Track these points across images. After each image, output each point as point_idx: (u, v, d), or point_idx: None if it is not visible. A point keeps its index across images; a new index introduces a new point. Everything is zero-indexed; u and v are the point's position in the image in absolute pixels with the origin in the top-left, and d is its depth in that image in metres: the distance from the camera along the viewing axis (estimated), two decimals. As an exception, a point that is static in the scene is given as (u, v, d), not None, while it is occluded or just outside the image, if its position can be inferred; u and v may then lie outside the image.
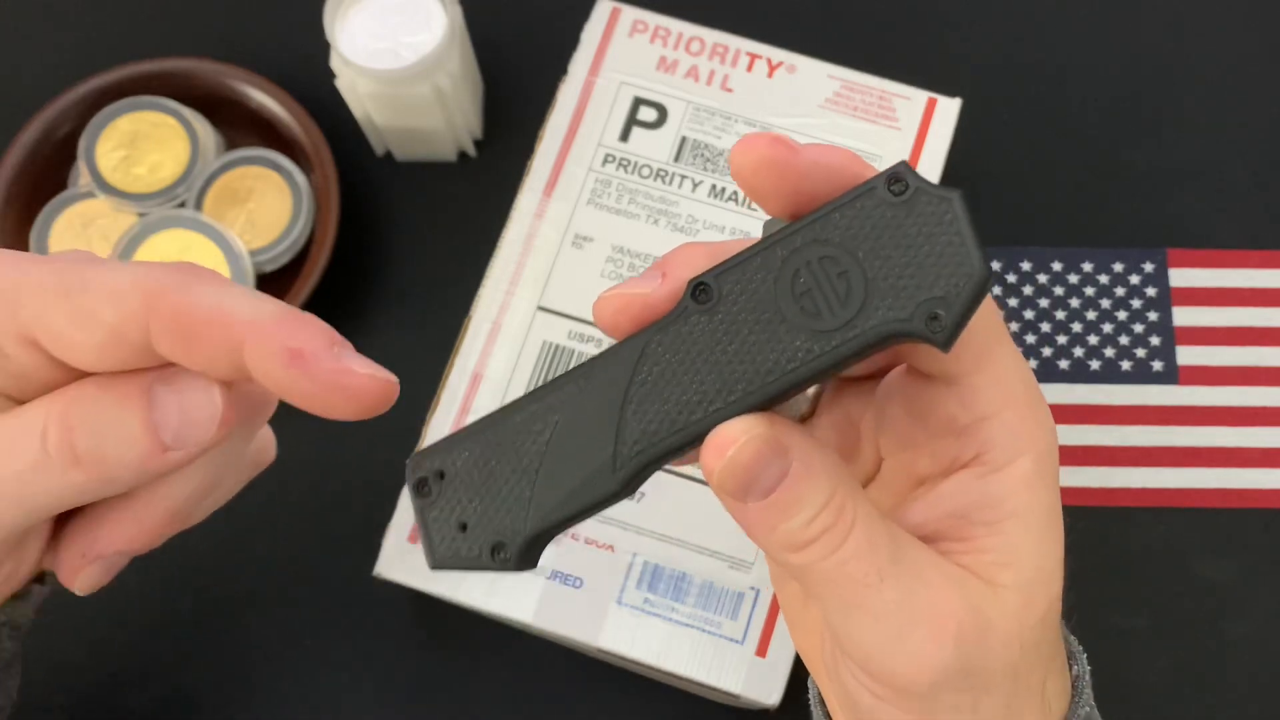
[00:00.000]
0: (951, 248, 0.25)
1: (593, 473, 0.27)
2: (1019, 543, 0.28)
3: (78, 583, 0.31)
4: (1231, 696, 0.48)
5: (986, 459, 0.28)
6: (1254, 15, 0.59)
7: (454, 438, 0.28)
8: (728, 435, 0.26)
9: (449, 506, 0.28)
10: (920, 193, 0.25)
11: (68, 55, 0.58)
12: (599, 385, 0.27)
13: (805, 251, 0.26)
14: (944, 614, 0.27)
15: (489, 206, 0.51)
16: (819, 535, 0.26)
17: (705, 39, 0.51)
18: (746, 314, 0.26)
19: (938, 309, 0.25)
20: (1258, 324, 0.53)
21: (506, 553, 0.27)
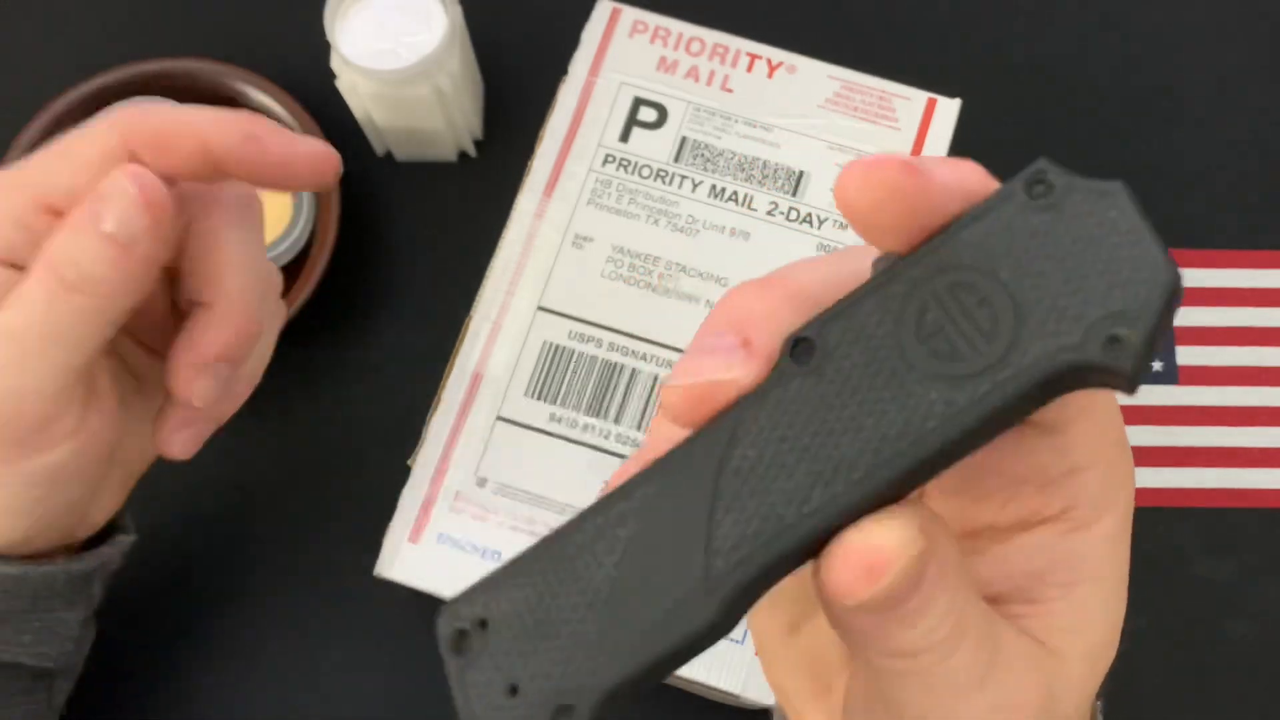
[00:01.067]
0: (1125, 249, 0.19)
1: (678, 600, 0.20)
2: (1093, 609, 0.25)
3: (195, 393, 0.36)
4: (1231, 696, 0.48)
5: (1072, 516, 0.24)
6: (1254, 15, 0.59)
7: (498, 575, 0.22)
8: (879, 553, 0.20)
9: (494, 665, 0.21)
10: (1072, 189, 0.20)
11: (68, 55, 0.58)
12: (679, 484, 0.21)
13: (931, 282, 0.20)
14: (1025, 708, 0.24)
15: (489, 206, 0.51)
16: (934, 645, 0.22)
17: (705, 39, 0.51)
18: (864, 369, 0.20)
19: (1117, 329, 0.19)
20: (1258, 324, 0.53)
21: (574, 717, 0.20)
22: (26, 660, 0.39)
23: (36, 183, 0.34)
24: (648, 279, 0.47)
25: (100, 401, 0.37)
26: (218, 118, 0.35)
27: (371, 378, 0.48)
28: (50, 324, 0.33)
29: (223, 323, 0.37)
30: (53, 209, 0.34)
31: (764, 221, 0.48)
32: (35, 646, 0.39)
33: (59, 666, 0.40)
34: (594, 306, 0.47)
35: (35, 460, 0.35)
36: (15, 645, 0.38)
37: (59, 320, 0.33)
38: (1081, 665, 0.25)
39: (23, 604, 0.38)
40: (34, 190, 0.34)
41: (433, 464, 0.45)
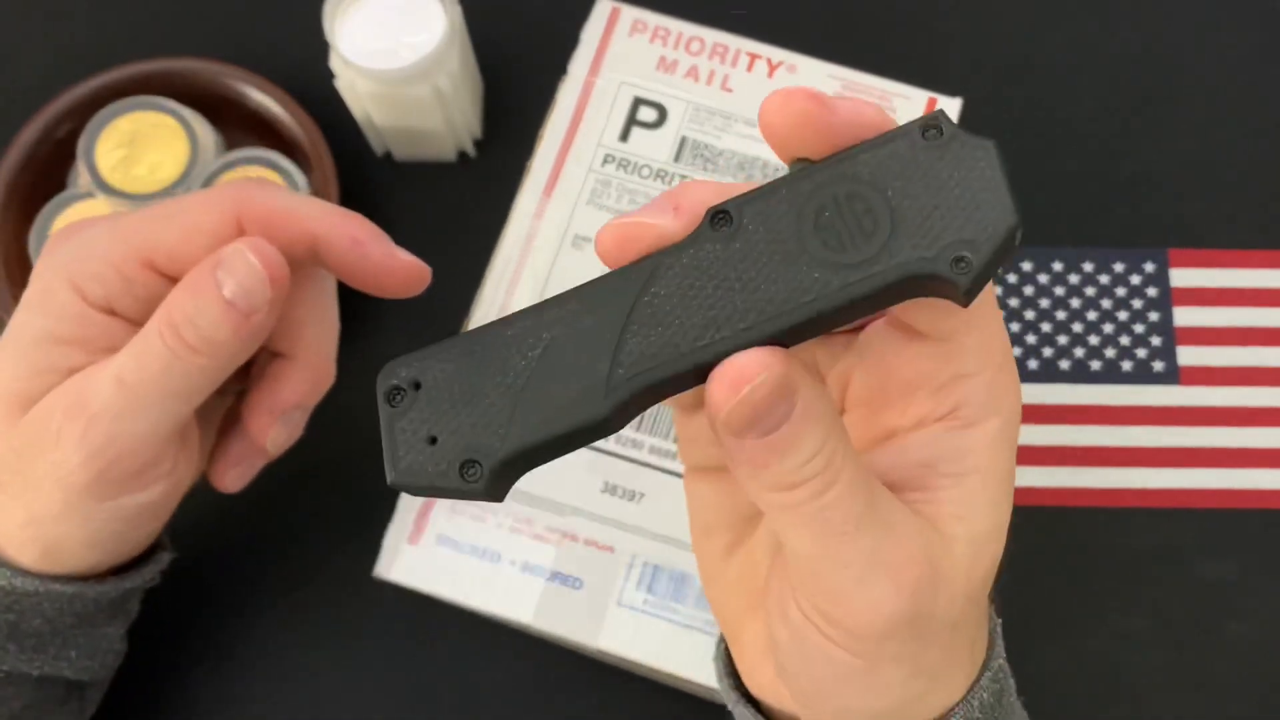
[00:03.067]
0: (985, 193, 0.24)
1: (581, 393, 0.24)
2: (977, 498, 0.29)
3: (269, 440, 0.39)
4: (1231, 696, 0.48)
5: (960, 415, 0.28)
6: (1254, 15, 0.59)
7: (436, 347, 0.26)
8: (744, 369, 0.24)
9: (420, 418, 0.25)
10: (955, 138, 0.25)
11: (67, 55, 0.58)
12: (600, 304, 0.25)
13: (832, 187, 0.25)
14: (906, 565, 0.27)
15: (489, 207, 0.50)
16: (809, 479, 0.26)
17: (705, 39, 0.50)
18: (766, 244, 0.25)
19: (964, 251, 0.24)
20: (1259, 324, 0.53)
21: (478, 472, 0.25)
22: (70, 674, 0.40)
23: (141, 237, 0.36)
24: (647, 279, 0.47)
25: (190, 447, 0.39)
26: (328, 214, 0.36)
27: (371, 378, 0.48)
28: (167, 379, 0.34)
29: (303, 374, 0.39)
30: (153, 266, 0.36)
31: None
32: (80, 661, 0.40)
33: (95, 679, 0.42)
34: (594, 307, 0.47)
35: (128, 499, 0.37)
36: (62, 660, 0.39)
37: (175, 376, 0.34)
38: (966, 549, 0.28)
39: (71, 620, 0.39)
40: (138, 243, 0.35)
41: (432, 464, 0.45)
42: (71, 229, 0.37)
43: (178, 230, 0.36)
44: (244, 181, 0.37)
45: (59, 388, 0.35)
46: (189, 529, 0.43)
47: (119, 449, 0.35)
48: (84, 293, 0.36)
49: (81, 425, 0.34)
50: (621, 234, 0.26)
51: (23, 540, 0.37)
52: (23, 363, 0.36)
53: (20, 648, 0.38)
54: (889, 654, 0.28)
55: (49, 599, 0.38)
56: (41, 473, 0.35)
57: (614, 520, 0.44)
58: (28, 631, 0.38)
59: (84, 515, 0.36)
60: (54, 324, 0.35)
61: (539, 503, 0.45)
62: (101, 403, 0.34)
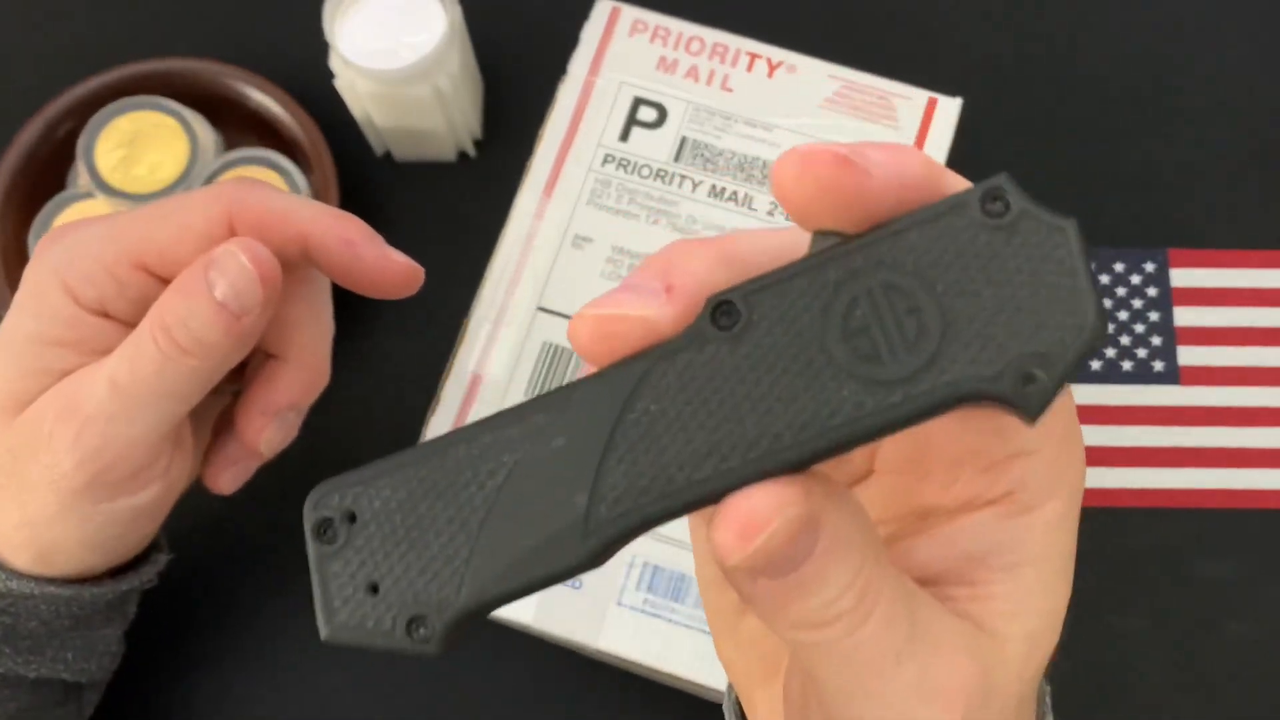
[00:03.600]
0: (1062, 291, 0.20)
1: (554, 535, 0.20)
2: (1033, 592, 0.25)
3: (264, 440, 0.39)
4: (1231, 696, 0.48)
5: (1017, 499, 0.24)
6: (1254, 15, 0.59)
7: (375, 468, 0.22)
8: (756, 512, 0.20)
9: (358, 559, 0.21)
10: (1026, 216, 0.20)
11: (67, 55, 0.58)
12: (575, 422, 0.21)
13: (866, 277, 0.20)
14: (955, 689, 0.23)
15: (489, 206, 0.50)
16: (840, 616, 0.22)
17: (705, 39, 0.50)
18: (782, 349, 0.20)
19: (1034, 368, 0.20)
20: (1259, 324, 0.53)
21: (427, 630, 0.21)
22: (67, 676, 0.40)
23: (132, 238, 0.35)
24: (647, 279, 0.47)
25: (184, 448, 0.38)
26: (321, 215, 0.36)
27: (371, 378, 0.48)
28: (160, 381, 0.34)
29: (297, 374, 0.39)
30: (145, 267, 0.35)
31: (764, 222, 0.48)
32: (77, 663, 0.40)
33: (92, 680, 0.42)
34: (594, 307, 0.47)
35: (123, 501, 0.37)
36: (59, 662, 0.39)
37: (167, 378, 0.34)
38: (1020, 647, 0.25)
39: (68, 623, 0.39)
40: (129, 245, 0.35)
41: (432, 465, 0.45)
42: (62, 230, 0.37)
43: (169, 231, 0.35)
44: (236, 182, 0.36)
45: (51, 390, 0.35)
46: (185, 530, 0.43)
47: (113, 452, 0.35)
48: (76, 294, 0.35)
49: (75, 428, 0.34)
50: (601, 329, 0.21)
51: (18, 543, 0.37)
52: (15, 365, 0.35)
53: (16, 650, 0.38)
54: None
55: (45, 601, 0.38)
56: (35, 475, 0.35)
57: (614, 520, 0.44)
58: (24, 634, 0.38)
59: (79, 518, 0.36)
60: (46, 326, 0.35)
61: (539, 503, 0.45)
62: (95, 405, 0.34)
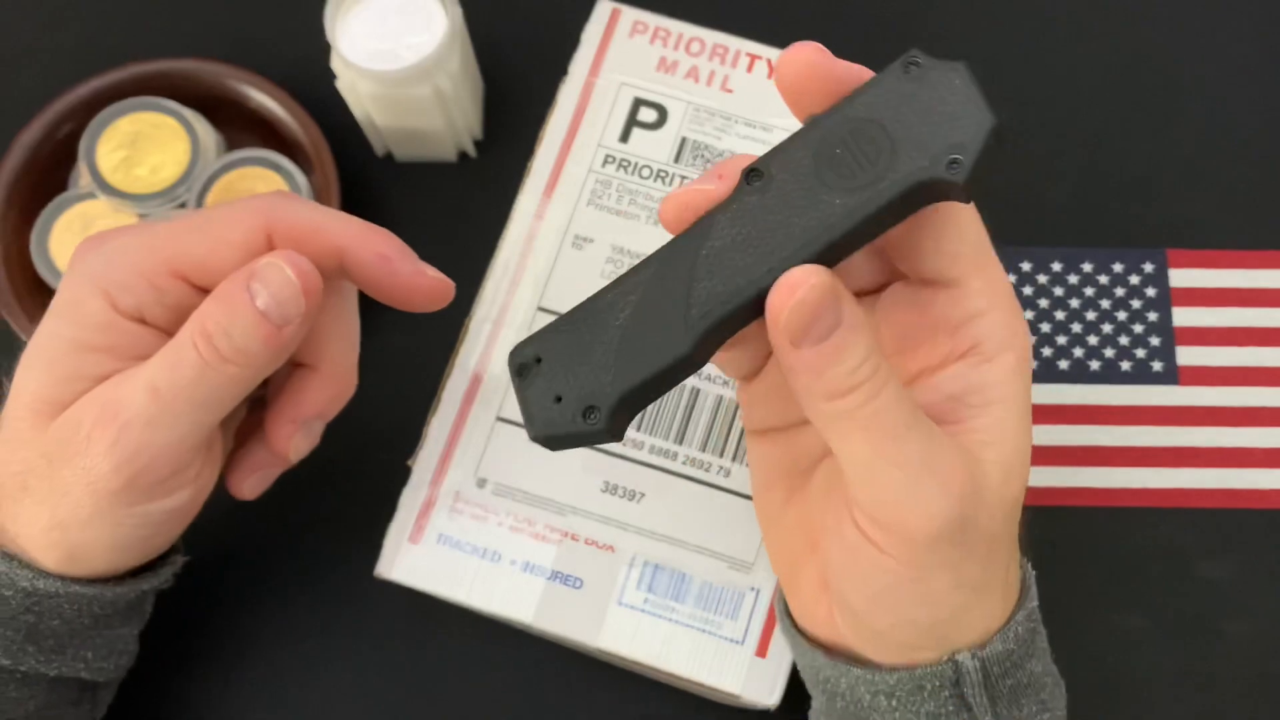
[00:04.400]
0: (964, 105, 0.29)
1: (666, 338, 0.30)
2: (1003, 425, 0.32)
3: (291, 449, 0.40)
4: (1231, 696, 0.48)
5: (979, 350, 0.32)
6: (1254, 15, 0.59)
7: (548, 327, 0.32)
8: (796, 278, 0.29)
9: (546, 384, 0.31)
10: (931, 68, 0.29)
11: (68, 56, 0.58)
12: (670, 264, 0.30)
13: (838, 128, 0.30)
14: (952, 471, 0.31)
15: (489, 207, 0.51)
16: (861, 383, 0.30)
17: (705, 40, 0.51)
18: (792, 187, 0.30)
19: (956, 154, 0.28)
20: (1258, 324, 0.53)
21: (597, 415, 0.31)
22: (85, 675, 0.40)
23: (170, 247, 0.36)
24: (648, 279, 0.47)
25: (214, 452, 0.39)
26: (357, 229, 0.37)
27: (371, 378, 0.48)
28: (198, 388, 0.35)
29: (325, 384, 0.40)
30: (182, 276, 0.36)
31: None
32: (96, 662, 0.40)
33: (108, 679, 0.42)
34: (594, 307, 0.47)
35: (155, 505, 0.37)
36: (79, 661, 0.40)
37: (206, 386, 0.35)
38: (998, 471, 0.32)
39: (88, 621, 0.39)
40: (168, 254, 0.36)
41: (432, 465, 0.45)
42: (100, 238, 0.37)
43: (207, 241, 0.36)
44: (274, 195, 0.37)
45: (89, 394, 0.36)
46: (190, 529, 0.43)
47: (149, 456, 0.35)
48: (114, 301, 0.36)
49: (113, 432, 0.35)
50: (678, 202, 0.31)
51: (46, 544, 0.37)
52: (53, 370, 0.36)
53: (39, 649, 0.38)
54: (936, 561, 0.32)
55: (69, 600, 0.38)
56: (70, 478, 0.35)
57: (614, 520, 0.44)
58: (46, 633, 0.38)
59: (111, 521, 0.36)
60: (84, 332, 0.36)
61: (539, 502, 0.45)
62: (133, 410, 0.35)
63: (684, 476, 0.45)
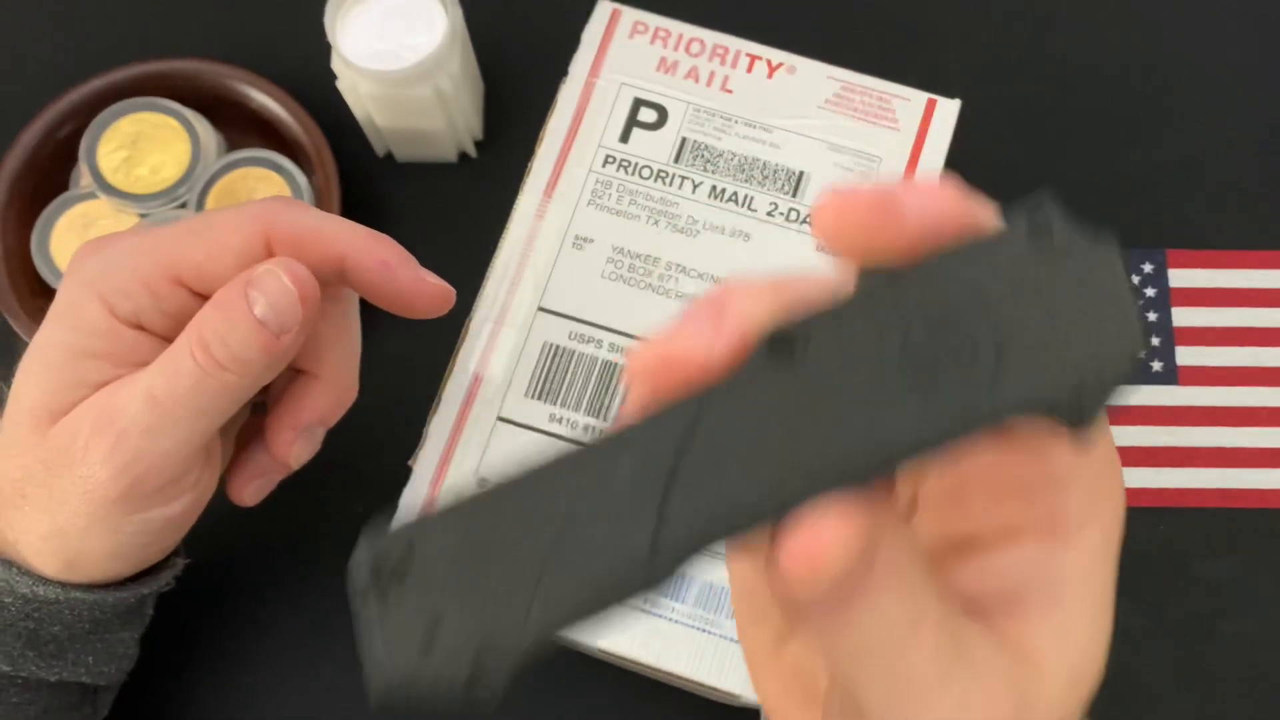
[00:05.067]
0: (1108, 314, 0.20)
1: (617, 563, 0.20)
2: (1076, 625, 0.25)
3: (292, 455, 0.39)
4: (1231, 696, 0.48)
5: (1057, 528, 0.24)
6: (1254, 15, 0.59)
7: (429, 515, 0.21)
8: (819, 539, 0.20)
9: (418, 597, 0.21)
10: (1072, 246, 0.21)
11: (69, 56, 0.58)
12: (636, 456, 0.20)
13: (921, 308, 0.20)
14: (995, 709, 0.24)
15: (490, 207, 0.51)
16: (888, 641, 0.22)
17: (705, 40, 0.51)
18: (839, 377, 0.20)
19: (1085, 385, 0.20)
20: (1257, 324, 0.53)
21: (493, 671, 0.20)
22: (86, 679, 0.40)
23: (169, 253, 0.36)
24: (648, 280, 0.47)
25: (213, 460, 0.39)
26: (357, 236, 0.36)
27: (372, 379, 0.48)
28: (197, 397, 0.35)
29: (326, 391, 0.39)
30: (180, 281, 0.36)
31: (764, 222, 0.48)
32: (97, 666, 0.40)
33: (109, 683, 0.42)
34: (594, 307, 0.47)
35: (154, 512, 0.37)
36: (80, 666, 0.40)
37: (204, 394, 0.35)
38: (1062, 680, 0.25)
39: (88, 626, 0.39)
40: (166, 260, 0.36)
41: (433, 465, 0.45)
42: (98, 244, 0.37)
43: (206, 247, 0.36)
44: (274, 200, 0.37)
45: (87, 402, 0.35)
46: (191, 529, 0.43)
47: (147, 464, 0.35)
48: (112, 307, 0.36)
49: (110, 440, 0.35)
50: (657, 365, 0.21)
51: (46, 551, 0.37)
52: (50, 377, 0.36)
53: (39, 654, 0.38)
54: None
55: (69, 606, 0.38)
56: (68, 486, 0.35)
57: (614, 520, 0.44)
58: (46, 638, 0.38)
59: (110, 528, 0.36)
60: (82, 338, 0.36)
61: (540, 502, 0.45)
62: (130, 418, 0.35)
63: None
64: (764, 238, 0.48)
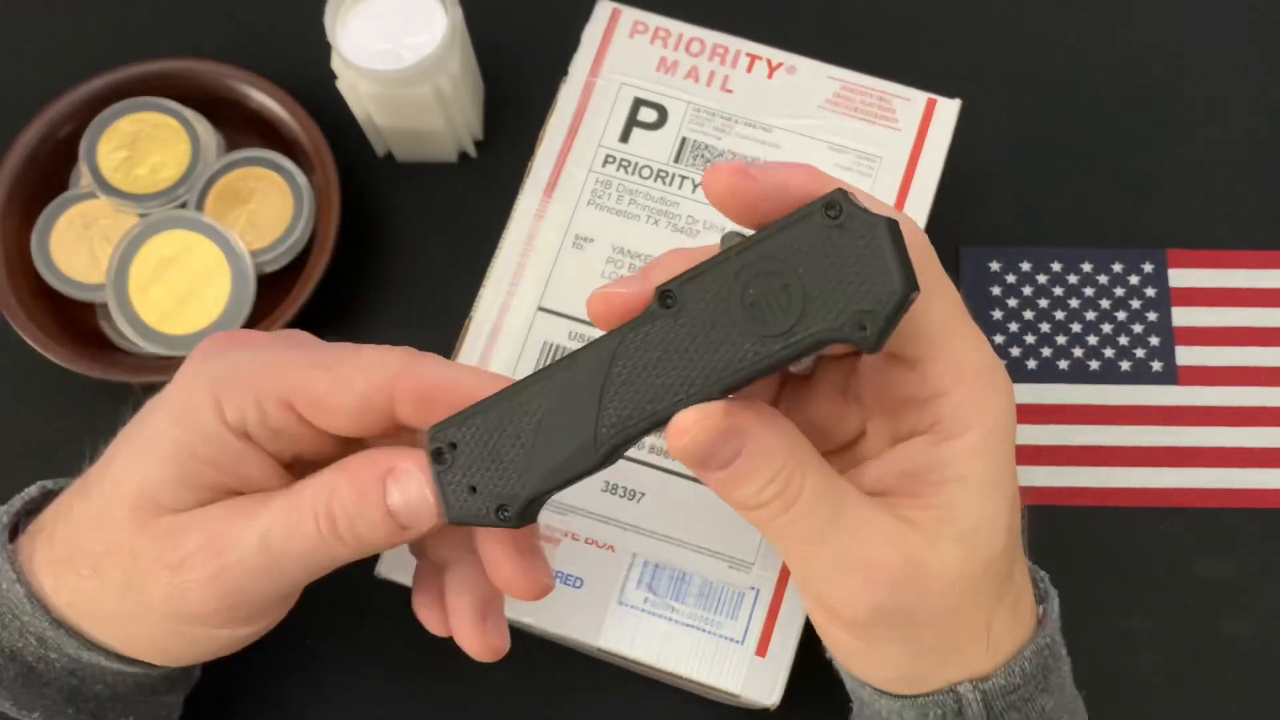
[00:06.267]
0: (877, 267, 0.29)
1: (577, 449, 0.32)
2: (961, 502, 0.33)
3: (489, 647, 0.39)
4: (1231, 696, 0.48)
5: (939, 429, 0.33)
6: (1253, 15, 0.59)
7: (464, 413, 0.34)
8: (684, 422, 0.31)
9: (461, 472, 0.34)
10: (852, 218, 0.29)
11: (68, 55, 0.58)
12: (581, 375, 0.32)
13: (755, 267, 0.30)
14: (878, 564, 0.32)
15: (490, 207, 0.51)
16: (769, 500, 0.32)
17: (705, 40, 0.51)
18: (704, 319, 0.31)
19: (864, 320, 0.29)
20: (1257, 324, 0.53)
21: (509, 512, 0.33)
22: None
23: (293, 379, 0.35)
24: (648, 279, 0.47)
25: (294, 598, 0.39)
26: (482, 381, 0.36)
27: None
28: (309, 560, 0.36)
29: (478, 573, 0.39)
30: (292, 406, 0.36)
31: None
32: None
33: None
34: (594, 307, 0.47)
35: (226, 632, 0.37)
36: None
37: (317, 557, 0.36)
38: (956, 547, 0.33)
39: (133, 689, 0.39)
40: (284, 383, 0.35)
41: (433, 464, 0.45)
42: (226, 341, 0.37)
43: (329, 382, 0.35)
44: (407, 352, 0.36)
45: (196, 516, 0.35)
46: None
47: (242, 599, 0.36)
48: (224, 414, 0.35)
49: (214, 568, 0.35)
50: (605, 302, 0.32)
51: (108, 628, 0.37)
52: (161, 469, 0.35)
53: (78, 711, 0.38)
54: (882, 637, 0.34)
55: (114, 674, 0.38)
56: (153, 586, 0.35)
57: (614, 519, 0.45)
58: (88, 695, 0.38)
59: (182, 635, 0.37)
60: (193, 439, 0.35)
61: (540, 502, 0.45)
62: (239, 555, 0.35)
63: (684, 476, 0.45)
64: (764, 237, 0.48)
